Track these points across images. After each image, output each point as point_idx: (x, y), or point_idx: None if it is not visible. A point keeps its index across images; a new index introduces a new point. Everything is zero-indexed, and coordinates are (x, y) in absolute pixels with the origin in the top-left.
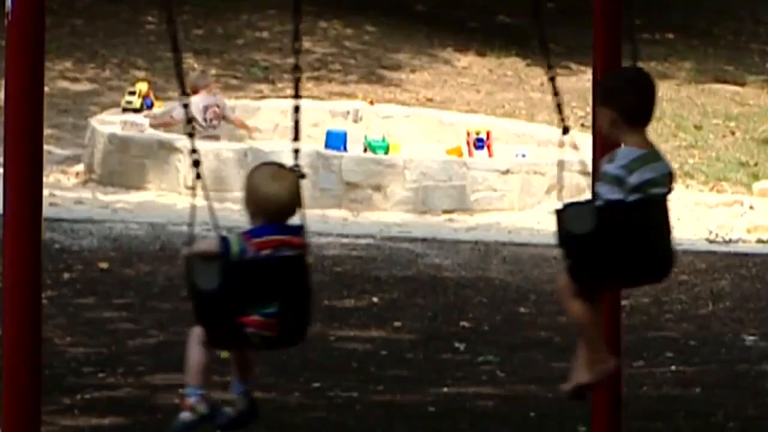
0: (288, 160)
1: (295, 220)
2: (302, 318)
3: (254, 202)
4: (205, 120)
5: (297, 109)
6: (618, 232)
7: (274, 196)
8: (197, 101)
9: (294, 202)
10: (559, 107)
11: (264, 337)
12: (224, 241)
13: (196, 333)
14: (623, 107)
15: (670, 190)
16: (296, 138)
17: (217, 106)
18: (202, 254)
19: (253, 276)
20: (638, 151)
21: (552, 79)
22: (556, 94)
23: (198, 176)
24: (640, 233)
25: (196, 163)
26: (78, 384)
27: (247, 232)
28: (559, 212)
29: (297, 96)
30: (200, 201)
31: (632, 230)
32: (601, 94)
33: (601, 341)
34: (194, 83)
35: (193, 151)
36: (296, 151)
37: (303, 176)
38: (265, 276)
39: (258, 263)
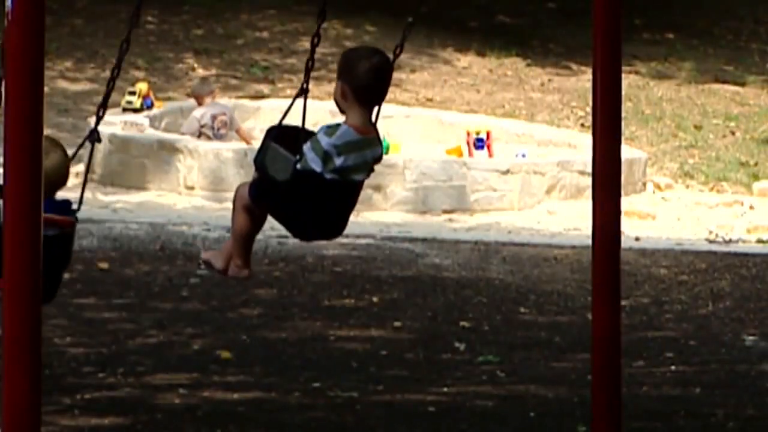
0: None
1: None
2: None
3: None
4: (212, 128)
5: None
6: (303, 197)
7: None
8: (205, 111)
9: (57, 175)
10: None
11: None
12: None
13: None
14: (356, 83)
15: (369, 173)
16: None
17: (224, 114)
18: None
19: None
20: (356, 136)
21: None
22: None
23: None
24: (322, 205)
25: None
26: (78, 384)
27: None
28: (266, 138)
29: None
30: (200, 201)
31: (316, 201)
32: (340, 67)
33: (247, 252)
34: (196, 93)
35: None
36: (98, 117)
37: (98, 140)
38: None
39: None
